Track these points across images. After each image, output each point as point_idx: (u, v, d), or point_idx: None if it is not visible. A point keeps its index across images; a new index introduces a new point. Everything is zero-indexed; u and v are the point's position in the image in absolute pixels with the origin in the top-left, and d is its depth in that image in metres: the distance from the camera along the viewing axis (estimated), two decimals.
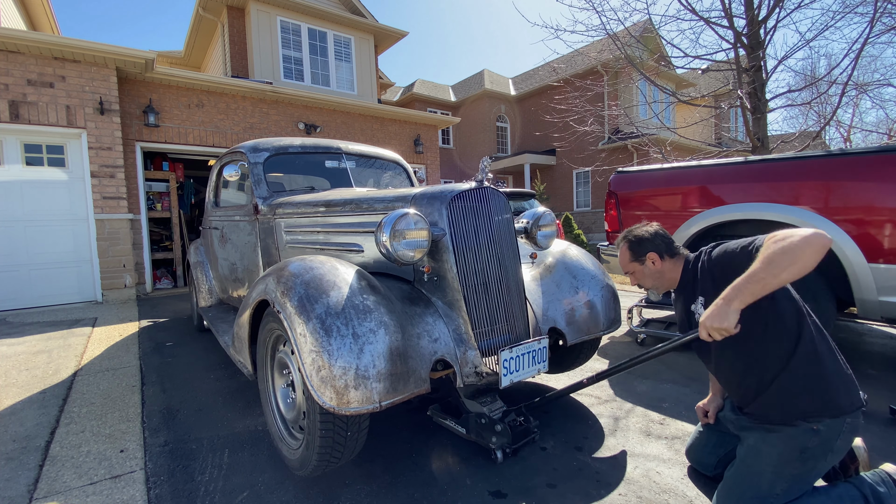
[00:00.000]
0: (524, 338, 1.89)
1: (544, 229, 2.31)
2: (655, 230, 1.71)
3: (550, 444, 2.02)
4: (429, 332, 1.70)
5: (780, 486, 1.38)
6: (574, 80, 9.58)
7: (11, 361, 3.36)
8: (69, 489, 1.74)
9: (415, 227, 1.70)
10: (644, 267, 1.71)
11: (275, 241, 2.78)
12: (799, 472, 1.37)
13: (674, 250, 1.69)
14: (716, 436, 1.75)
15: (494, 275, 1.85)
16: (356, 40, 10.30)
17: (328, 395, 1.42)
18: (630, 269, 1.76)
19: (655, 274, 1.70)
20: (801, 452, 1.36)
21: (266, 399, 2.00)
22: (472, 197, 1.87)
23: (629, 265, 1.76)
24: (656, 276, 1.70)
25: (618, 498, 1.63)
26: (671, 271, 1.68)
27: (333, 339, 1.45)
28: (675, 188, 3.37)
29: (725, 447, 1.70)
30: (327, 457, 1.60)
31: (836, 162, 2.68)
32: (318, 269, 1.66)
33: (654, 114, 6.87)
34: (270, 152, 3.11)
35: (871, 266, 2.52)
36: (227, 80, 7.36)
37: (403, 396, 1.50)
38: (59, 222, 5.71)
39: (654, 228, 1.71)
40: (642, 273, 1.73)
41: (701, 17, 5.91)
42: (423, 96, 18.53)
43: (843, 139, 14.22)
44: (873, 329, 3.95)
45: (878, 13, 5.10)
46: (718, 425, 1.76)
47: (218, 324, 3.18)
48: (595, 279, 2.30)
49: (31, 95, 5.39)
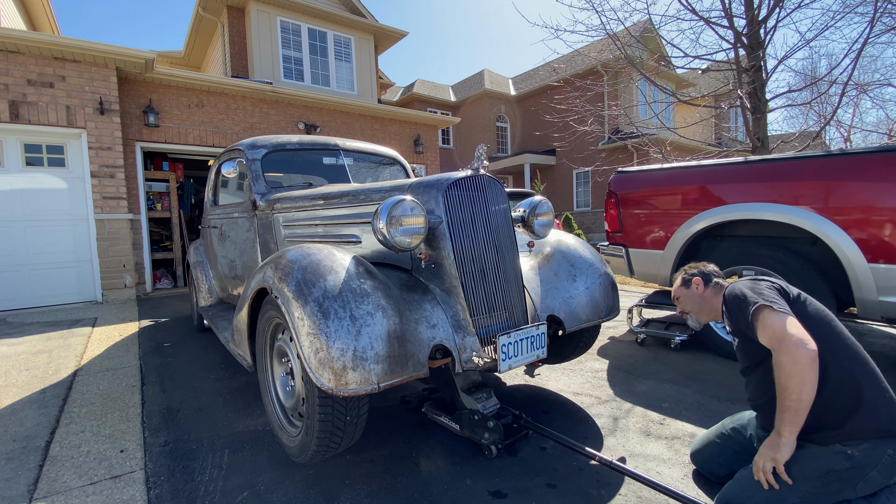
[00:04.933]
0: (522, 324, 1.90)
1: (541, 218, 2.32)
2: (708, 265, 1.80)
3: (550, 444, 2.02)
4: (427, 318, 1.71)
5: (792, 499, 1.34)
6: (574, 80, 9.58)
7: (11, 361, 3.36)
8: (69, 489, 1.74)
9: (411, 213, 1.71)
10: (689, 291, 1.79)
11: (273, 237, 2.79)
12: (818, 491, 1.32)
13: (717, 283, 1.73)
14: (733, 448, 1.68)
15: (492, 261, 1.86)
16: (356, 40, 10.30)
17: (326, 377, 1.43)
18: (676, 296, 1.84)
19: (696, 298, 1.76)
20: (825, 473, 1.31)
21: (265, 388, 2.01)
22: (469, 185, 1.88)
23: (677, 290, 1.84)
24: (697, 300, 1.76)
25: (618, 498, 1.63)
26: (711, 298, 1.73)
27: (331, 321, 1.46)
28: (676, 188, 3.37)
29: (741, 462, 1.61)
30: (326, 441, 1.61)
31: (836, 162, 2.68)
32: (315, 255, 1.68)
33: (654, 114, 6.87)
34: (268, 149, 3.12)
35: (871, 266, 2.52)
36: (227, 80, 7.36)
37: (402, 379, 1.51)
38: (59, 222, 5.71)
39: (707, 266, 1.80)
40: (686, 297, 1.79)
41: (701, 17, 5.91)
42: (423, 96, 18.53)
43: (843, 139, 14.22)
44: (873, 329, 3.95)
45: (878, 13, 5.10)
46: (738, 435, 1.69)
47: (218, 321, 3.19)
48: (593, 267, 2.31)
49: (31, 95, 5.39)
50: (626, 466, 1.80)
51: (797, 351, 1.29)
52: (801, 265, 2.80)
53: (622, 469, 1.79)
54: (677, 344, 3.43)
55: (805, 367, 1.28)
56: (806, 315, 1.43)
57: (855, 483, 1.30)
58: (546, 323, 1.94)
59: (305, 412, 1.68)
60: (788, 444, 1.33)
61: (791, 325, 1.34)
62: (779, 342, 1.33)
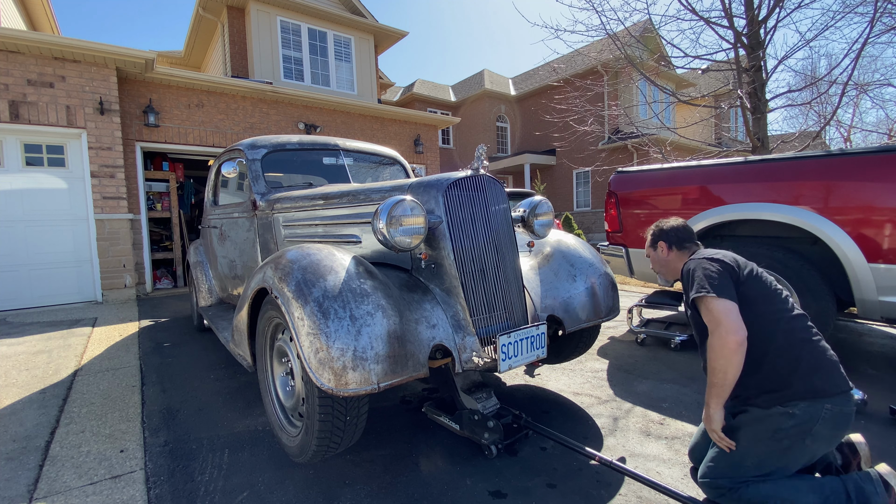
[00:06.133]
0: (522, 324, 1.90)
1: (541, 218, 2.32)
2: (673, 224, 1.88)
3: (550, 444, 2.02)
4: (427, 318, 1.71)
5: (751, 460, 1.48)
6: (574, 80, 9.58)
7: (11, 361, 3.36)
8: (69, 489, 1.74)
9: (411, 213, 1.71)
10: (655, 253, 1.92)
11: (273, 237, 2.79)
12: (771, 449, 1.46)
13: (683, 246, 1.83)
14: None
15: (492, 261, 1.87)
16: (356, 40, 10.30)
17: (326, 377, 1.43)
18: (647, 254, 1.98)
19: (662, 261, 1.89)
20: (774, 432, 1.45)
21: (265, 388, 2.01)
22: (469, 185, 1.88)
23: (647, 250, 1.98)
24: (662, 263, 1.90)
25: (618, 498, 1.63)
26: (675, 262, 1.85)
27: (331, 321, 1.47)
28: (676, 188, 3.37)
29: None
30: (326, 441, 1.61)
31: (836, 162, 2.68)
32: (315, 255, 1.68)
33: (654, 114, 6.87)
34: (268, 149, 3.12)
35: (871, 266, 2.52)
36: (227, 80, 7.35)
37: (402, 379, 1.51)
38: (59, 222, 5.71)
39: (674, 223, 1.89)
40: (654, 258, 1.94)
41: (701, 17, 5.91)
42: (423, 96, 18.53)
43: (843, 139, 14.22)
44: (873, 329, 3.95)
45: (878, 13, 5.10)
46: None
47: (218, 321, 3.19)
48: (593, 267, 2.31)
49: (31, 95, 5.39)
50: (626, 466, 1.81)
51: (727, 336, 1.44)
52: (801, 265, 2.80)
53: (622, 469, 1.79)
54: (677, 344, 3.43)
55: (731, 352, 1.43)
56: (753, 292, 1.57)
57: (803, 438, 1.43)
58: (546, 323, 1.94)
59: (305, 412, 1.68)
60: (717, 414, 1.51)
61: (727, 312, 1.47)
62: (714, 326, 1.48)
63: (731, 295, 1.51)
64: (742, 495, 1.46)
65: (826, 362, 1.47)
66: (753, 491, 1.45)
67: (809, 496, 1.41)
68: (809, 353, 1.48)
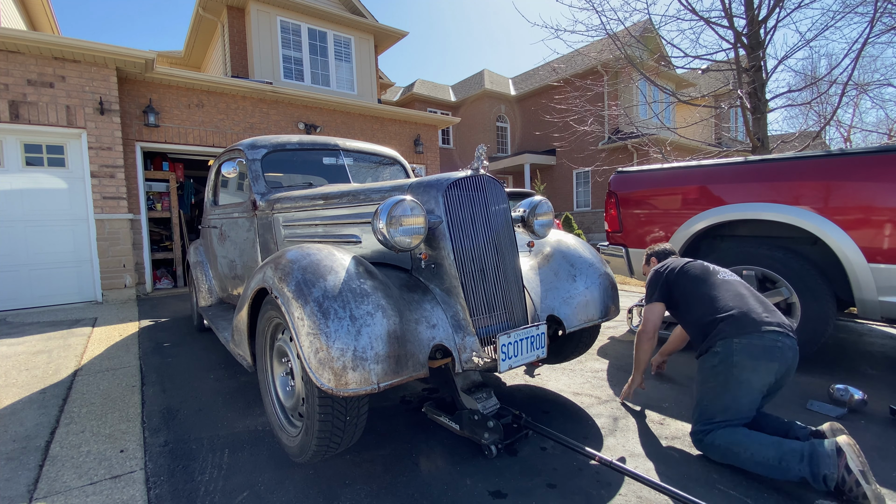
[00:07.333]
0: (522, 324, 1.90)
1: (541, 218, 2.32)
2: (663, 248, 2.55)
3: (550, 443, 2.02)
4: (427, 318, 1.71)
5: (707, 398, 1.87)
6: (574, 79, 9.58)
7: (11, 361, 3.36)
8: (69, 489, 1.74)
9: (411, 213, 1.70)
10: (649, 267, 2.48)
11: (273, 237, 2.79)
12: (714, 383, 1.85)
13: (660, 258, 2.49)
14: None
15: (491, 261, 1.86)
16: (356, 40, 10.30)
17: (326, 377, 1.43)
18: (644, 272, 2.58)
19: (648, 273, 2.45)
20: (710, 369, 1.88)
21: (265, 388, 2.01)
22: (468, 185, 1.88)
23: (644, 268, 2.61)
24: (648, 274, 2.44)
25: (618, 498, 1.63)
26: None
27: (331, 321, 1.46)
28: (675, 188, 3.37)
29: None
30: (326, 441, 1.61)
31: (836, 162, 2.68)
32: (315, 255, 1.68)
33: (654, 114, 6.87)
34: (268, 149, 3.12)
35: (871, 266, 2.52)
36: (227, 80, 7.35)
37: (402, 379, 1.51)
38: (59, 222, 5.71)
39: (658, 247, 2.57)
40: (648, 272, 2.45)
41: (701, 17, 5.91)
42: (423, 96, 18.53)
43: (843, 139, 14.21)
44: (873, 329, 3.95)
45: (878, 13, 5.10)
46: None
47: (218, 321, 3.19)
48: (592, 267, 2.31)
49: (31, 95, 5.39)
50: (626, 466, 1.81)
51: (642, 330, 2.20)
52: (801, 265, 2.80)
53: (622, 469, 1.79)
54: None
55: (642, 341, 2.20)
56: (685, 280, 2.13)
57: (730, 368, 1.80)
58: (546, 323, 1.94)
59: (305, 412, 1.68)
60: (637, 378, 2.34)
61: (650, 315, 2.18)
62: (642, 323, 2.21)
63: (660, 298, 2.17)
64: (713, 440, 1.77)
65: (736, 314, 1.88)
66: (720, 437, 1.76)
67: (769, 450, 1.64)
68: (723, 311, 1.93)
